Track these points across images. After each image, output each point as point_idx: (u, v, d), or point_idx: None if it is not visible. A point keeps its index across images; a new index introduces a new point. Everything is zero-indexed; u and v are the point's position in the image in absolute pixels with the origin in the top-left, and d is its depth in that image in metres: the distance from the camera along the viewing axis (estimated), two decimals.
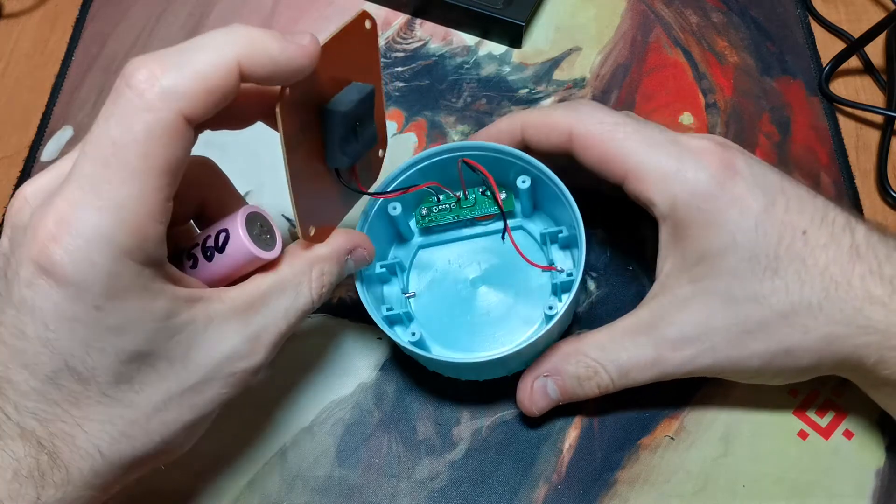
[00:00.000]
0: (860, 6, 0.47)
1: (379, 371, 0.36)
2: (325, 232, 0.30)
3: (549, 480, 0.33)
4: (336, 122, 0.27)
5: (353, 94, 0.28)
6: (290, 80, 0.25)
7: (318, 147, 0.28)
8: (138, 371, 0.24)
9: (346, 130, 0.28)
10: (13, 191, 0.44)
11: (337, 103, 0.28)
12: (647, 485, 0.33)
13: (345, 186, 0.30)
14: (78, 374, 0.23)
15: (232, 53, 0.23)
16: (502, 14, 0.45)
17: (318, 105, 0.27)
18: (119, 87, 0.23)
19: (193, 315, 0.25)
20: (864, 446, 0.33)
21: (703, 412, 0.34)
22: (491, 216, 0.37)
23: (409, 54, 0.46)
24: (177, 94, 0.22)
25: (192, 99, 0.23)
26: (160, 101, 0.22)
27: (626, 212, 0.39)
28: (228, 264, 0.28)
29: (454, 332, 0.35)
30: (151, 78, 0.22)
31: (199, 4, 0.48)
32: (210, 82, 0.23)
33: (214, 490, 0.33)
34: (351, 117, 0.28)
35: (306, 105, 0.27)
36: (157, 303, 0.24)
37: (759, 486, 0.33)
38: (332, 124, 0.28)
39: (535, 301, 0.35)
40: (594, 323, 0.36)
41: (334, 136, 0.28)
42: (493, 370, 0.34)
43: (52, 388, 0.23)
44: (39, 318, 0.23)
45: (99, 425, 0.24)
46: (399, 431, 0.34)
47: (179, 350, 0.25)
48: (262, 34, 0.24)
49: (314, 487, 0.33)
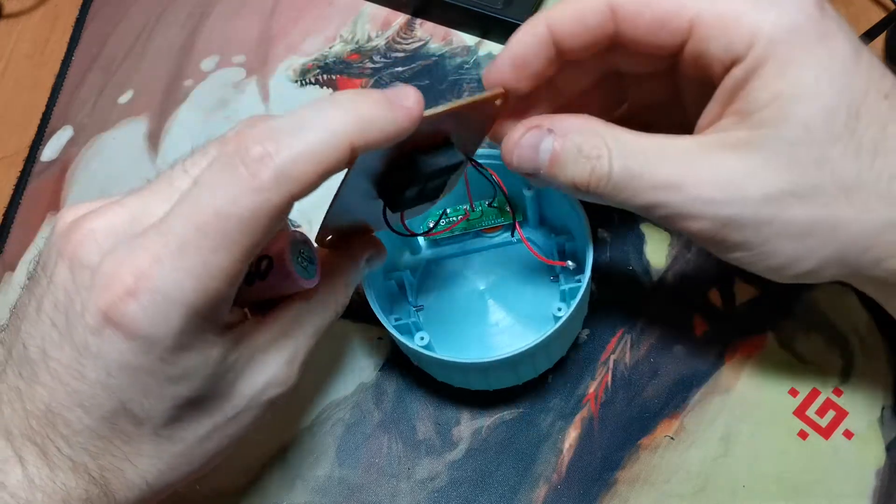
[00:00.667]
0: (860, 6, 0.47)
1: (379, 371, 0.36)
2: (337, 240, 0.30)
3: (549, 480, 0.33)
4: (413, 174, 0.27)
5: (443, 160, 0.27)
6: (394, 142, 0.24)
7: (380, 181, 0.28)
8: (188, 412, 0.25)
9: (417, 183, 0.27)
10: (13, 190, 0.44)
11: (425, 160, 0.27)
12: (647, 485, 0.33)
13: (384, 219, 0.29)
14: (133, 416, 0.24)
15: (345, 134, 0.22)
16: (502, 14, 0.45)
17: (406, 150, 0.26)
18: (231, 159, 0.22)
19: (240, 353, 0.25)
20: (864, 446, 0.33)
21: (703, 412, 0.34)
22: (498, 228, 0.37)
23: (409, 54, 0.46)
24: (290, 178, 0.22)
25: (303, 183, 0.22)
26: (273, 184, 0.22)
27: (627, 211, 0.39)
28: (268, 291, 0.27)
29: (462, 341, 0.35)
30: (266, 157, 0.22)
31: (199, 4, 0.48)
32: (323, 166, 0.22)
33: (214, 490, 0.33)
34: (429, 176, 0.27)
35: (396, 147, 0.26)
36: (214, 350, 0.24)
37: (759, 486, 0.33)
38: (408, 173, 0.27)
39: (543, 311, 0.35)
40: (594, 323, 0.36)
41: (400, 184, 0.27)
42: (503, 376, 0.33)
43: (105, 427, 0.24)
44: (102, 364, 0.23)
45: (148, 460, 0.25)
46: (399, 431, 0.34)
47: (226, 388, 0.25)
48: (373, 107, 0.23)
49: (314, 487, 0.33)
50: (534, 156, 0.27)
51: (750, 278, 0.37)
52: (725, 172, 0.25)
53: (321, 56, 0.46)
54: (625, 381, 0.35)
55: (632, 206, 0.27)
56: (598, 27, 0.27)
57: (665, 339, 0.36)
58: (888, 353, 0.35)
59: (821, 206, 0.25)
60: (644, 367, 0.35)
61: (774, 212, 0.25)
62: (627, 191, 0.26)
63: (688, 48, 0.26)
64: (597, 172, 0.26)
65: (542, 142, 0.27)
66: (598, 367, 0.36)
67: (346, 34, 0.47)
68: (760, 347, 0.36)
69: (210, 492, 0.33)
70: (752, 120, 0.25)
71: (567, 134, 0.27)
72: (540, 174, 0.28)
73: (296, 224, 0.40)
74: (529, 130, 0.27)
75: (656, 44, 0.27)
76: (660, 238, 0.39)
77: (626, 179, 0.26)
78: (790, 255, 0.26)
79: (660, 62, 0.29)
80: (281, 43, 0.47)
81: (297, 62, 0.46)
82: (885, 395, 0.35)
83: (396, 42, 0.47)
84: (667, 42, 0.26)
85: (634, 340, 0.36)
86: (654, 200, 0.26)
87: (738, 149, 0.25)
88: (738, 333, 0.36)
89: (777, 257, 0.26)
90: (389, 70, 0.45)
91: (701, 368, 0.35)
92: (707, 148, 0.26)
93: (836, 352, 0.36)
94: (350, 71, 0.45)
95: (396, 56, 0.46)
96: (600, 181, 0.26)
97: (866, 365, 0.35)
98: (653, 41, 0.27)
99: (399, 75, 0.45)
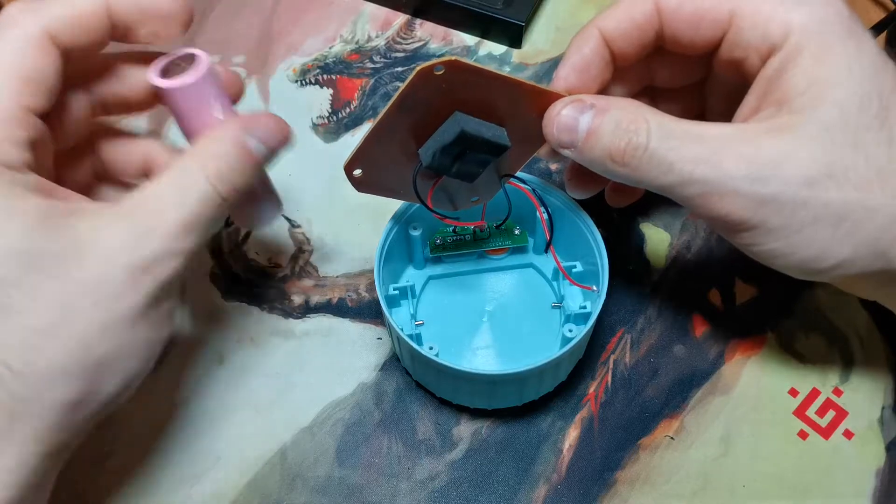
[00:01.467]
0: (860, 6, 0.47)
1: (379, 371, 0.36)
2: (367, 178, 0.30)
3: (549, 480, 0.33)
4: (451, 129, 0.27)
5: (487, 132, 0.28)
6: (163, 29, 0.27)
7: (421, 134, 0.28)
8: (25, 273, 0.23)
9: (453, 145, 0.28)
10: None
11: (467, 120, 0.27)
12: (647, 485, 0.33)
13: (413, 180, 0.30)
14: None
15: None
16: (502, 14, 0.45)
17: (454, 108, 0.28)
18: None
19: (75, 220, 0.24)
20: (864, 446, 0.33)
21: (703, 412, 0.34)
22: (504, 250, 0.37)
23: (409, 54, 0.46)
24: (41, 13, 0.25)
25: (57, 19, 0.25)
26: (26, 18, 0.25)
27: (626, 212, 0.39)
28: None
29: (461, 361, 0.35)
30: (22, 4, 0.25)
31: (199, 4, 0.48)
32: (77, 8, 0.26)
33: (214, 490, 0.33)
34: (465, 141, 0.27)
35: (445, 98, 0.27)
36: (26, 203, 0.24)
37: (759, 486, 0.33)
38: (447, 128, 0.28)
39: (545, 336, 0.35)
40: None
41: (441, 138, 0.28)
42: (508, 395, 0.33)
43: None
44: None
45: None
46: (399, 431, 0.34)
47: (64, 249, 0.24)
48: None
49: (314, 487, 0.33)
50: (573, 126, 0.28)
51: (750, 278, 0.37)
52: (764, 153, 0.25)
53: (321, 56, 0.46)
54: (625, 381, 0.35)
55: (665, 182, 0.27)
56: (646, 23, 0.29)
57: (665, 339, 0.36)
58: (888, 353, 0.36)
59: (856, 189, 0.25)
60: (644, 367, 0.36)
61: (811, 194, 0.25)
62: (663, 164, 0.26)
63: (725, 42, 0.28)
64: (633, 143, 0.27)
65: (583, 114, 0.28)
66: (598, 367, 0.36)
67: (347, 34, 0.47)
68: (760, 347, 0.36)
69: (210, 491, 0.33)
70: (790, 106, 0.26)
71: (608, 108, 0.28)
72: (577, 146, 0.28)
73: (296, 224, 0.40)
74: (571, 103, 0.28)
75: (697, 38, 0.28)
76: (660, 238, 0.39)
77: (663, 151, 0.26)
78: (825, 242, 0.26)
79: (695, 71, 0.31)
80: (281, 43, 0.47)
81: (297, 62, 0.46)
82: (885, 395, 0.35)
83: (396, 42, 0.47)
84: (706, 35, 0.28)
85: (634, 340, 0.36)
86: (689, 175, 0.26)
87: (776, 133, 0.26)
88: (738, 333, 0.36)
89: (812, 246, 0.26)
90: (389, 70, 0.45)
91: (701, 368, 0.35)
92: (746, 132, 0.26)
93: (836, 352, 0.36)
94: (350, 71, 0.45)
95: (396, 56, 0.46)
96: (636, 151, 0.27)
97: (866, 365, 0.35)
98: (694, 36, 0.28)
99: (399, 75, 0.45)
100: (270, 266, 0.39)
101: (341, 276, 0.39)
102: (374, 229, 0.35)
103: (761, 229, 0.26)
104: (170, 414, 0.35)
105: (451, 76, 0.26)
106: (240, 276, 0.38)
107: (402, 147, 0.29)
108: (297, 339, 0.37)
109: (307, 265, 0.39)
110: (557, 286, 0.36)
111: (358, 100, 0.44)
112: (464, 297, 0.37)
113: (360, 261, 0.39)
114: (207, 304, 0.38)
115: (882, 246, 0.26)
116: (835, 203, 0.25)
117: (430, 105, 0.27)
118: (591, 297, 0.34)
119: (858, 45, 0.26)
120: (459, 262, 0.37)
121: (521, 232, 0.36)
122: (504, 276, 0.37)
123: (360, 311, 0.38)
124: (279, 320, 0.37)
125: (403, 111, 0.27)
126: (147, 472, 0.33)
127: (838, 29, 0.26)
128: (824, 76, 0.26)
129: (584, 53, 0.29)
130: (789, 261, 0.27)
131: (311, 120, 0.44)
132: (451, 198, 0.33)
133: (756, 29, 0.27)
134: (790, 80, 0.26)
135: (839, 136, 0.25)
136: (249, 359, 0.36)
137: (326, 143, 0.43)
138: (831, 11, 0.26)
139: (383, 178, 0.31)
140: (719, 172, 0.26)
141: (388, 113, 0.27)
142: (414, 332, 0.34)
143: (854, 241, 0.26)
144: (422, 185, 0.30)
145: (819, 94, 0.26)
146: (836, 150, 0.25)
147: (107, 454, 0.34)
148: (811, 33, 0.26)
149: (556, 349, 0.31)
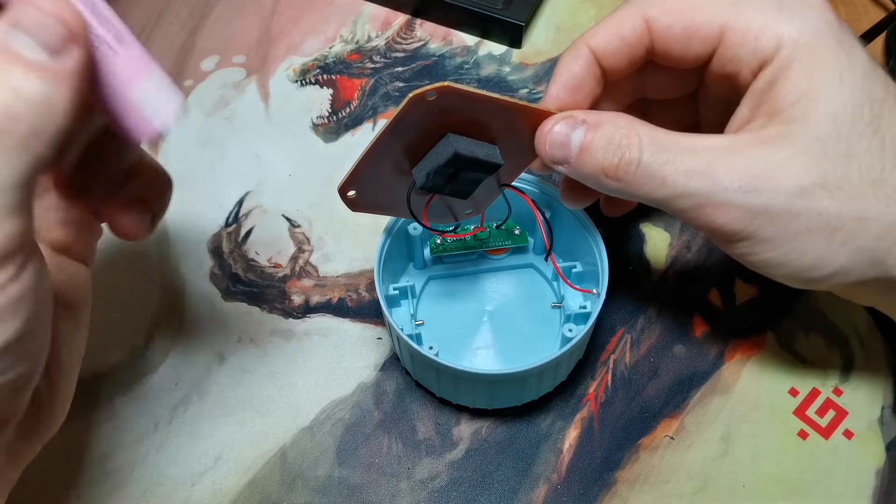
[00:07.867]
0: (860, 6, 0.47)
1: (379, 371, 0.36)
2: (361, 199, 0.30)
3: (549, 480, 0.33)
4: (444, 151, 0.27)
5: (480, 152, 0.28)
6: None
7: (414, 154, 0.28)
8: None
9: (446, 166, 0.28)
10: None
11: (460, 141, 0.27)
12: (647, 485, 0.33)
13: (407, 199, 0.30)
14: None
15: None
16: (502, 14, 0.45)
17: (446, 130, 0.27)
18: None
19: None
20: (864, 446, 0.33)
21: (703, 412, 0.34)
22: (504, 250, 0.37)
23: (409, 54, 0.46)
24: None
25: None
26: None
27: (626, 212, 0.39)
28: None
29: (461, 361, 0.34)
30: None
31: (200, 4, 0.48)
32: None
33: (214, 490, 0.33)
34: (458, 162, 0.28)
35: (437, 120, 0.27)
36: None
37: (759, 486, 0.33)
38: (440, 150, 0.28)
39: (545, 336, 0.35)
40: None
41: (434, 159, 0.28)
42: (508, 394, 0.33)
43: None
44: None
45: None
46: (399, 431, 0.34)
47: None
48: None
49: (314, 487, 0.33)
50: (566, 142, 0.28)
51: (750, 278, 0.37)
52: (757, 164, 0.25)
53: (321, 56, 0.46)
54: (625, 381, 0.35)
55: (658, 196, 0.27)
56: (636, 40, 0.29)
57: (665, 339, 0.36)
58: (888, 353, 0.36)
59: (849, 199, 0.25)
60: (644, 367, 0.36)
61: (805, 204, 0.25)
62: (656, 178, 0.26)
63: (717, 56, 0.28)
64: (626, 158, 0.27)
65: (575, 130, 0.28)
66: (598, 367, 0.36)
67: (347, 34, 0.47)
68: (760, 347, 0.36)
69: (210, 491, 0.33)
70: (782, 117, 0.26)
71: (599, 124, 0.27)
72: (570, 162, 0.28)
73: (296, 224, 0.40)
74: (563, 119, 0.28)
75: (688, 54, 0.28)
76: (660, 238, 0.39)
77: (656, 166, 0.26)
78: (820, 252, 0.26)
79: (687, 83, 0.30)
80: (281, 43, 0.47)
81: (297, 62, 0.46)
82: (884, 395, 0.35)
83: (396, 42, 0.47)
84: (697, 51, 0.28)
85: (634, 340, 0.36)
86: (682, 188, 0.26)
87: (768, 143, 0.26)
88: (738, 333, 0.36)
89: (807, 256, 0.26)
90: (389, 70, 0.45)
91: (701, 368, 0.35)
92: (738, 143, 0.26)
93: (836, 352, 0.36)
94: (350, 71, 0.45)
95: (396, 56, 0.46)
96: (629, 166, 0.27)
97: (866, 365, 0.35)
98: (685, 51, 0.28)
99: (399, 75, 0.45)
100: (270, 266, 0.39)
101: (341, 275, 0.39)
102: (374, 229, 0.35)
103: (755, 240, 0.26)
104: (169, 414, 0.35)
105: (444, 101, 0.26)
106: (240, 276, 0.39)
107: (395, 167, 0.29)
108: (297, 339, 0.37)
109: (307, 265, 0.39)
110: (557, 286, 0.36)
111: (358, 100, 0.44)
112: (464, 297, 0.37)
113: (360, 261, 0.39)
114: (207, 304, 0.38)
115: (878, 254, 0.26)
116: (828, 212, 0.25)
117: (423, 128, 0.27)
118: (591, 297, 0.34)
119: (849, 55, 0.26)
120: (459, 262, 0.37)
121: (521, 232, 0.36)
122: (504, 277, 0.37)
123: (360, 311, 0.38)
124: (279, 320, 0.37)
125: (396, 135, 0.27)
126: (147, 472, 0.33)
127: (829, 40, 0.26)
128: (816, 87, 0.26)
129: (575, 72, 0.29)
130: (785, 270, 0.27)
131: (311, 120, 0.44)
132: (447, 209, 0.33)
133: (747, 44, 0.27)
134: (781, 91, 0.26)
135: (831, 146, 0.25)
136: (249, 359, 0.36)
137: (326, 143, 0.43)
138: (822, 23, 0.26)
139: (377, 197, 0.31)
140: (712, 185, 0.25)
141: (381, 137, 0.27)
142: (414, 332, 0.34)
143: (849, 250, 0.26)
144: (416, 202, 0.30)
145: (810, 105, 0.26)
146: (828, 160, 0.25)
147: (107, 454, 0.34)
148: (802, 45, 0.26)
149: (556, 349, 0.32)
